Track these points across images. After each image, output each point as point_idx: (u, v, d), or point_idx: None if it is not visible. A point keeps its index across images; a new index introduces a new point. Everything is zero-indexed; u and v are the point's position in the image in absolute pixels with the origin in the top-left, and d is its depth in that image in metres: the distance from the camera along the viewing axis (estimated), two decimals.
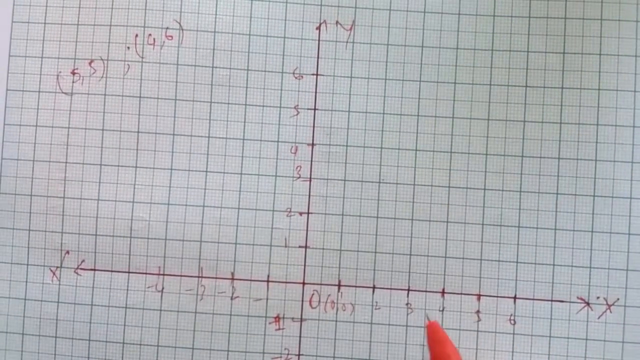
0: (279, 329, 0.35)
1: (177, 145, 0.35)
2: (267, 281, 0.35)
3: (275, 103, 0.35)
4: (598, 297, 0.34)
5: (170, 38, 0.35)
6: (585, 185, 0.34)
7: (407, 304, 0.34)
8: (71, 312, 0.35)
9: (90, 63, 0.35)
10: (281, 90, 0.35)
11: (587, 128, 0.34)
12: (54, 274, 0.35)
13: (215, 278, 0.35)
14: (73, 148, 0.35)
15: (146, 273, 0.35)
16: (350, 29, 0.35)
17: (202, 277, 0.35)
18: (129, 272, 0.35)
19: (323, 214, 0.35)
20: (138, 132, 0.35)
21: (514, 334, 0.34)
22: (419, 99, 0.35)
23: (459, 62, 0.35)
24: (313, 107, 0.35)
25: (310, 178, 0.35)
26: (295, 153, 0.35)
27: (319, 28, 0.35)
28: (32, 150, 0.35)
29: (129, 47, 0.35)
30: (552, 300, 0.34)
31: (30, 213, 0.35)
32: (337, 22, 0.35)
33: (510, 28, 0.35)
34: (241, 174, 0.35)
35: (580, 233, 0.34)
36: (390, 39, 0.35)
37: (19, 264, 0.35)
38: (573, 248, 0.34)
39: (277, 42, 0.35)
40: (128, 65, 0.35)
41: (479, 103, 0.35)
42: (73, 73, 0.35)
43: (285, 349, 0.34)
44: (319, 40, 0.35)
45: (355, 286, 0.35)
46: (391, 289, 0.34)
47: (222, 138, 0.35)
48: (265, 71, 0.35)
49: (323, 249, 0.35)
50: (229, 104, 0.35)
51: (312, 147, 0.35)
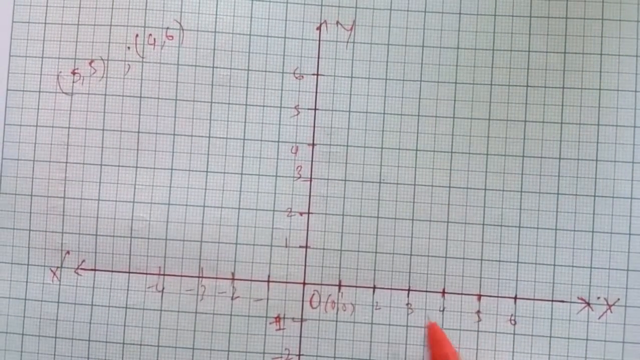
0: (279, 329, 0.35)
1: (177, 146, 0.35)
2: (268, 281, 0.35)
3: (276, 103, 0.35)
4: (598, 297, 0.34)
5: (170, 38, 0.35)
6: (586, 186, 0.34)
7: (408, 304, 0.34)
8: (71, 312, 0.35)
9: (90, 63, 0.35)
10: (282, 90, 0.35)
11: (588, 128, 0.34)
12: (54, 274, 0.35)
13: (216, 278, 0.35)
14: (73, 148, 0.35)
15: (146, 273, 0.35)
16: (351, 29, 0.35)
17: (202, 277, 0.35)
18: (129, 272, 0.35)
19: (323, 214, 0.35)
20: (138, 132, 0.35)
21: (514, 334, 0.34)
22: (420, 99, 0.35)
23: (459, 62, 0.35)
24: (313, 107, 0.35)
25: (311, 178, 0.35)
26: (295, 153, 0.35)
27: (319, 28, 0.35)
28: (32, 150, 0.35)
29: (129, 47, 0.35)
30: (552, 301, 0.34)
31: (31, 213, 0.35)
32: (337, 22, 0.35)
33: (511, 28, 0.35)
34: (242, 174, 0.35)
35: (581, 233, 0.34)
36: (391, 39, 0.35)
37: (19, 264, 0.35)
38: (574, 248, 0.34)
39: (277, 42, 0.35)
40: (128, 65, 0.35)
41: (480, 103, 0.35)
42: (73, 73, 0.35)
43: (285, 349, 0.34)
44: (319, 40, 0.35)
45: (356, 286, 0.35)
46: (391, 289, 0.34)
47: (223, 138, 0.35)
48: (265, 71, 0.35)
49: (323, 249, 0.35)
50: (229, 104, 0.35)
51: (313, 147, 0.35)
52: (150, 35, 0.35)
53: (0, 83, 0.35)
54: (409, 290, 0.34)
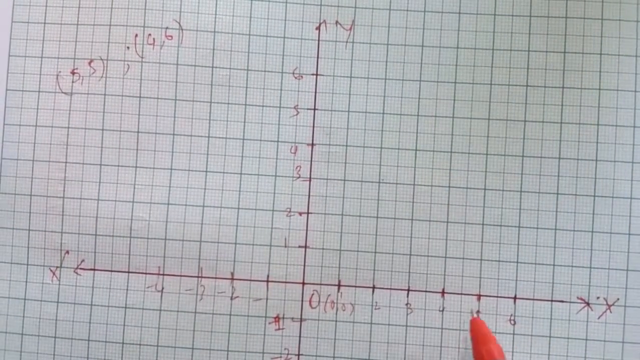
0: (278, 329, 0.35)
1: (176, 145, 0.35)
2: (267, 281, 0.35)
3: (275, 103, 0.35)
4: (598, 297, 0.34)
5: (170, 38, 0.35)
6: (586, 186, 0.34)
7: (407, 304, 0.34)
8: (71, 312, 0.35)
9: (90, 63, 0.35)
10: (281, 90, 0.35)
11: (588, 128, 0.34)
12: (53, 273, 0.35)
13: (215, 278, 0.35)
14: (73, 148, 0.35)
15: (146, 273, 0.35)
16: (350, 28, 0.35)
17: (201, 277, 0.35)
18: (128, 272, 0.35)
19: (323, 214, 0.35)
20: (138, 132, 0.35)
21: (514, 334, 0.34)
22: (419, 98, 0.35)
23: (459, 61, 0.35)
24: (313, 107, 0.35)
25: (310, 178, 0.35)
26: (295, 153, 0.35)
27: (318, 28, 0.35)
28: (31, 150, 0.35)
29: (128, 47, 0.35)
30: (552, 301, 0.34)
31: (30, 213, 0.35)
32: (336, 22, 0.35)
33: (511, 27, 0.35)
34: (241, 174, 0.35)
35: (581, 233, 0.34)
36: (390, 39, 0.35)
37: (18, 263, 0.35)
38: (573, 248, 0.34)
39: (276, 42, 0.35)
40: (128, 65, 0.35)
41: (480, 103, 0.35)
42: (73, 73, 0.35)
43: (285, 349, 0.34)
44: (318, 40, 0.35)
45: (355, 286, 0.35)
46: (391, 289, 0.34)
47: (222, 138, 0.35)
48: (265, 71, 0.35)
49: (323, 249, 0.35)
50: (228, 104, 0.35)
51: (312, 147, 0.35)
52: (149, 35, 0.35)
53: (0, 83, 0.35)
54: (408, 290, 0.34)
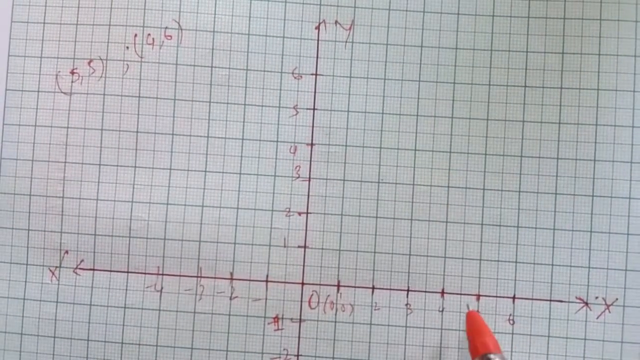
0: (277, 329, 0.35)
1: (176, 145, 0.35)
2: (266, 281, 0.35)
3: (275, 103, 0.35)
4: (597, 297, 0.34)
5: (169, 38, 0.35)
6: (584, 186, 0.34)
7: (407, 304, 0.34)
8: (70, 312, 0.35)
9: (89, 63, 0.35)
10: (280, 90, 0.35)
11: (586, 128, 0.34)
12: (53, 273, 0.35)
13: (214, 278, 0.35)
14: (72, 148, 0.35)
15: (145, 273, 0.35)
16: (350, 28, 0.35)
17: (201, 277, 0.35)
18: (128, 272, 0.35)
19: (322, 214, 0.35)
20: (137, 132, 0.35)
21: (512, 333, 0.34)
22: (418, 98, 0.35)
23: (458, 62, 0.35)
24: (312, 107, 0.35)
25: (310, 178, 0.35)
26: (294, 153, 0.35)
27: (318, 28, 0.35)
28: (31, 150, 0.35)
29: (128, 47, 0.35)
30: (550, 300, 0.34)
31: (29, 213, 0.35)
32: (336, 22, 0.35)
33: (510, 28, 0.35)
34: (240, 173, 0.35)
35: (579, 233, 0.34)
36: (390, 39, 0.35)
37: (18, 263, 0.35)
38: (572, 248, 0.34)
39: (276, 41, 0.35)
40: (127, 65, 0.35)
41: (478, 103, 0.35)
42: (72, 73, 0.35)
43: (284, 349, 0.34)
44: (318, 40, 0.35)
45: (355, 286, 0.35)
46: (390, 289, 0.34)
47: (221, 138, 0.35)
48: (264, 71, 0.35)
49: (322, 249, 0.35)
50: (228, 103, 0.35)
51: (311, 147, 0.35)
52: (149, 35, 0.35)
53: None
54: (408, 290, 0.34)
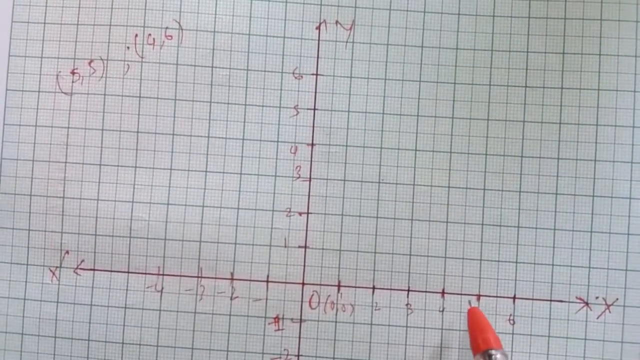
0: (278, 329, 0.35)
1: (176, 145, 0.35)
2: (267, 281, 0.35)
3: (275, 103, 0.35)
4: (597, 297, 0.34)
5: (169, 38, 0.35)
6: (585, 186, 0.34)
7: (407, 304, 0.34)
8: (70, 312, 0.35)
9: (90, 63, 0.35)
10: (281, 90, 0.35)
11: (587, 128, 0.34)
12: (53, 274, 0.35)
13: (215, 278, 0.35)
14: (73, 148, 0.35)
15: (145, 273, 0.35)
16: (350, 28, 0.35)
17: (201, 277, 0.35)
18: (128, 272, 0.35)
19: (323, 214, 0.35)
20: (138, 132, 0.35)
21: (513, 333, 0.34)
22: (419, 99, 0.35)
23: (458, 62, 0.35)
24: (313, 107, 0.35)
25: (310, 178, 0.35)
26: (294, 153, 0.35)
27: (318, 28, 0.35)
28: (31, 150, 0.35)
29: (128, 47, 0.35)
30: (551, 300, 0.34)
31: (30, 213, 0.35)
32: (336, 22, 0.35)
33: (510, 28, 0.35)
34: (241, 174, 0.35)
35: (580, 233, 0.34)
36: (390, 39, 0.35)
37: (18, 263, 0.35)
38: (572, 248, 0.34)
39: (276, 41, 0.35)
40: (128, 65, 0.35)
41: (479, 103, 0.35)
42: (73, 73, 0.35)
43: (284, 349, 0.34)
44: (318, 40, 0.35)
45: (355, 287, 0.35)
46: (391, 289, 0.34)
47: (222, 138, 0.35)
48: (265, 71, 0.35)
49: (323, 249, 0.35)
50: (228, 104, 0.35)
51: (312, 147, 0.35)
52: (149, 35, 0.35)
53: (0, 83, 0.35)
54: (408, 290, 0.35)
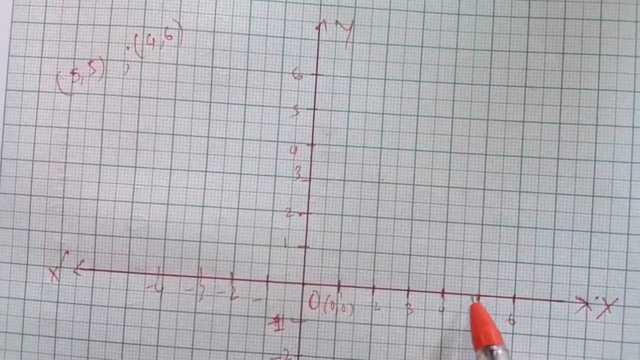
0: (278, 329, 0.35)
1: (176, 145, 0.35)
2: (267, 281, 0.35)
3: (275, 103, 0.35)
4: (597, 297, 0.34)
5: (169, 38, 0.35)
6: (585, 186, 0.34)
7: (407, 304, 0.34)
8: (70, 312, 0.35)
9: (89, 63, 0.35)
10: (281, 90, 0.35)
11: (587, 128, 0.34)
12: (53, 274, 0.35)
13: (215, 278, 0.35)
14: (72, 148, 0.35)
15: (145, 273, 0.35)
16: (350, 28, 0.35)
17: (201, 277, 0.35)
18: (128, 272, 0.35)
19: (322, 214, 0.35)
20: (137, 132, 0.35)
21: (513, 333, 0.34)
22: (419, 99, 0.35)
23: (458, 62, 0.35)
24: (312, 107, 0.35)
25: (310, 178, 0.35)
26: (294, 153, 0.35)
27: (318, 28, 0.35)
28: (31, 150, 0.35)
29: (128, 47, 0.35)
30: (551, 300, 0.34)
31: (30, 213, 0.35)
32: (336, 22, 0.35)
33: (510, 28, 0.35)
34: (240, 174, 0.35)
35: (580, 233, 0.34)
36: (390, 39, 0.35)
37: (18, 263, 0.35)
38: (572, 248, 0.34)
39: (276, 41, 0.35)
40: (127, 65, 0.35)
41: (479, 103, 0.35)
42: (72, 73, 0.35)
43: (284, 349, 0.34)
44: (318, 40, 0.35)
45: (355, 286, 0.35)
46: (391, 289, 0.34)
47: (222, 138, 0.35)
48: (264, 71, 0.35)
49: (322, 249, 0.35)
50: (228, 104, 0.35)
51: (312, 147, 0.35)
52: (149, 35, 0.35)
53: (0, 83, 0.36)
54: (408, 290, 0.35)
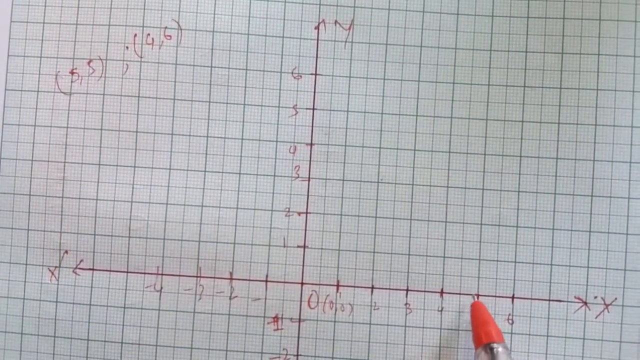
0: (277, 329, 0.35)
1: (175, 145, 0.35)
2: (266, 281, 0.35)
3: (274, 103, 0.35)
4: (596, 297, 0.34)
5: (168, 38, 0.35)
6: (583, 185, 0.34)
7: (406, 304, 0.34)
8: (70, 312, 0.35)
9: (89, 63, 0.35)
10: (280, 90, 0.35)
11: (585, 128, 0.34)
12: (52, 273, 0.35)
13: (214, 278, 0.35)
14: (72, 148, 0.35)
15: (145, 273, 0.35)
16: (349, 28, 0.35)
17: (200, 276, 0.35)
18: (127, 271, 0.35)
19: (321, 214, 0.35)
20: (136, 132, 0.35)
21: (512, 333, 0.34)
22: (418, 98, 0.35)
23: (457, 62, 0.35)
24: (312, 107, 0.35)
25: (309, 178, 0.35)
26: (293, 153, 0.35)
27: (317, 27, 0.35)
28: (30, 149, 0.35)
29: (127, 47, 0.35)
30: (549, 300, 0.34)
31: (29, 213, 0.35)
32: (335, 22, 0.35)
33: (509, 28, 0.35)
34: (240, 173, 0.35)
35: (578, 233, 0.34)
36: (389, 39, 0.35)
37: (17, 263, 0.35)
38: (571, 248, 0.34)
39: (275, 41, 0.35)
40: (127, 64, 0.35)
41: (478, 103, 0.35)
42: (72, 73, 0.35)
43: (283, 349, 0.34)
44: (317, 39, 0.35)
45: (354, 286, 0.35)
46: (390, 289, 0.34)
47: (221, 138, 0.35)
48: (263, 71, 0.35)
49: (321, 249, 0.35)
50: (227, 103, 0.35)
51: (311, 147, 0.35)
52: (148, 35, 0.35)
53: None
54: (407, 290, 0.35)
